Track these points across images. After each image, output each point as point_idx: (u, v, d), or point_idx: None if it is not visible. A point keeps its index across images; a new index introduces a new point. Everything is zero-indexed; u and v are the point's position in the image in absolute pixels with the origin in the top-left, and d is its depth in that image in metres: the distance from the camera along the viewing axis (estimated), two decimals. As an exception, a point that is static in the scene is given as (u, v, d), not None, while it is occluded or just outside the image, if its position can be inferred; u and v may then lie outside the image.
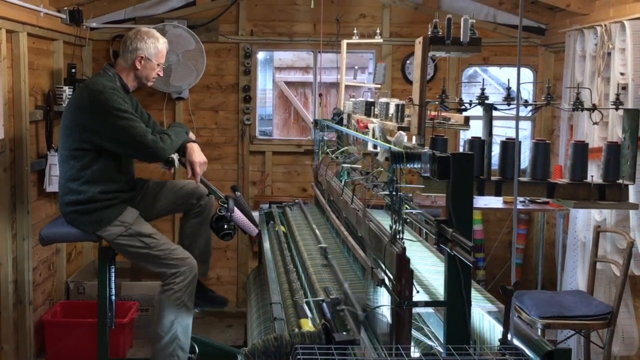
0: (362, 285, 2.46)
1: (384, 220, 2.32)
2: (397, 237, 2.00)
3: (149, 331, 4.73)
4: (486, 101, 2.31)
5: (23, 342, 4.19)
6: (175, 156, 3.44)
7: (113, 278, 3.62)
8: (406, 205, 2.08)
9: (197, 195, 3.66)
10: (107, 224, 3.34)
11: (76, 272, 5.09)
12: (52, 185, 4.34)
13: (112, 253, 3.58)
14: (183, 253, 3.46)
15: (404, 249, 1.90)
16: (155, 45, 3.45)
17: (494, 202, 4.80)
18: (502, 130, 6.45)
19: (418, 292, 1.95)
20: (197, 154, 3.49)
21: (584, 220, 4.40)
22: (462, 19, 2.16)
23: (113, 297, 3.64)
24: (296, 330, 2.08)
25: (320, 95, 4.76)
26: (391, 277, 1.97)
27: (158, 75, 3.55)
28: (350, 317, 2.19)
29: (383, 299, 2.21)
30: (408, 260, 1.87)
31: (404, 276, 1.86)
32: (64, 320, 4.56)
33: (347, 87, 4.14)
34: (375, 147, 2.57)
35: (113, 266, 3.61)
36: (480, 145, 2.29)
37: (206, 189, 3.64)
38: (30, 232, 4.17)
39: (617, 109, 2.39)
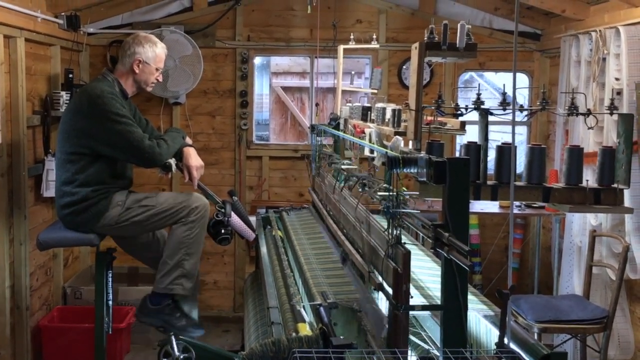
0: (357, 289, 2.47)
1: (381, 225, 2.33)
2: (395, 240, 2.01)
3: (146, 336, 4.73)
4: (482, 106, 2.33)
5: (20, 348, 4.18)
6: (172, 161, 3.45)
7: (110, 283, 3.61)
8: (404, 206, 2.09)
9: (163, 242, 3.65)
10: (103, 212, 3.34)
11: (73, 277, 5.09)
12: (50, 190, 4.34)
13: (110, 258, 3.58)
14: (185, 195, 3.48)
15: (408, 253, 1.92)
16: (152, 49, 3.46)
17: (489, 206, 4.82)
18: (498, 135, 6.49)
19: (412, 297, 1.96)
20: (194, 158, 3.50)
21: (580, 224, 4.41)
22: (458, 24, 2.18)
23: (110, 302, 3.64)
24: (294, 334, 2.08)
25: (317, 105, 4.78)
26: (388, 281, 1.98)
27: (157, 80, 3.56)
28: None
29: (381, 303, 2.22)
30: (408, 265, 1.88)
31: (401, 280, 1.87)
32: (61, 325, 4.55)
33: (343, 92, 4.16)
34: (372, 151, 2.59)
35: (110, 271, 3.61)
36: (476, 150, 2.30)
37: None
38: (27, 237, 4.17)
39: (612, 113, 2.41)
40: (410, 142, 2.36)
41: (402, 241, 2.04)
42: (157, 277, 3.44)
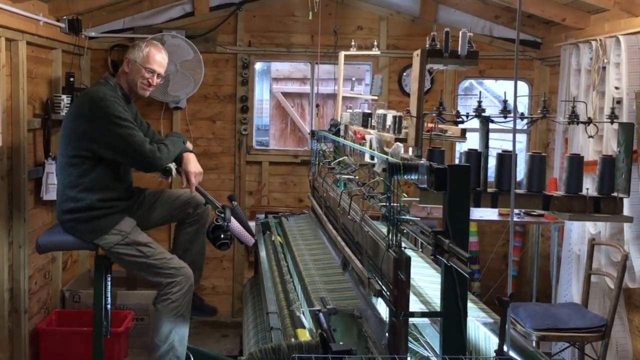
0: (357, 295, 2.48)
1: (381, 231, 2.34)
2: (394, 246, 2.01)
3: (144, 340, 4.72)
4: (483, 114, 2.33)
5: (18, 351, 4.18)
6: (172, 165, 3.46)
7: (109, 287, 3.61)
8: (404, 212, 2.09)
9: (194, 204, 3.67)
10: (104, 232, 3.35)
11: (72, 281, 5.08)
12: (49, 193, 4.35)
13: (108, 262, 3.58)
14: (179, 262, 3.47)
15: (407, 258, 1.92)
16: (141, 50, 3.46)
17: (489, 214, 4.83)
18: (497, 143, 6.50)
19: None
20: (193, 164, 3.50)
21: (579, 233, 4.42)
22: (460, 32, 2.19)
23: (109, 306, 3.64)
24: (293, 340, 2.08)
25: (317, 105, 4.78)
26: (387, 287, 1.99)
27: (149, 83, 3.50)
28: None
29: (380, 309, 2.22)
30: (408, 271, 1.88)
31: (400, 286, 1.87)
32: (59, 329, 4.55)
33: (344, 98, 4.16)
34: (372, 158, 2.59)
35: (109, 275, 3.61)
36: (476, 158, 2.31)
37: (202, 199, 3.64)
38: (26, 240, 4.17)
39: (612, 122, 2.42)
40: (410, 149, 2.36)
41: (402, 247, 2.04)
42: (151, 359, 3.47)
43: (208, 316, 3.99)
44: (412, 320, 2.16)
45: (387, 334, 2.01)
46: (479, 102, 2.34)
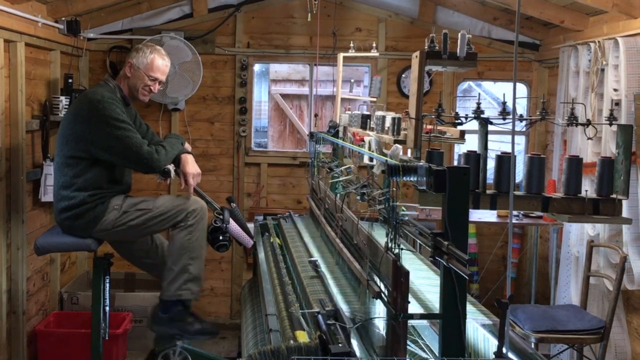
0: (357, 297, 2.47)
1: (379, 233, 2.33)
2: (393, 248, 2.01)
3: (142, 342, 4.72)
4: (482, 115, 2.33)
5: (16, 353, 4.17)
6: (171, 167, 3.45)
7: (107, 288, 3.61)
8: (401, 211, 2.09)
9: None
10: (100, 217, 3.34)
11: (70, 283, 5.08)
12: (48, 195, 4.34)
13: (107, 263, 3.58)
14: (181, 198, 3.47)
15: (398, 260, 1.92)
16: (146, 56, 3.45)
17: (487, 215, 4.83)
18: (496, 145, 6.51)
19: (409, 302, 1.96)
20: (191, 165, 3.50)
21: (578, 234, 4.42)
22: (459, 34, 2.19)
23: (107, 308, 3.63)
24: (292, 342, 2.08)
25: (316, 115, 4.80)
26: (387, 289, 1.98)
27: (150, 90, 3.52)
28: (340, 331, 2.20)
29: (379, 311, 2.22)
30: (407, 273, 1.88)
31: (399, 288, 1.87)
32: (57, 330, 4.54)
33: (343, 99, 4.16)
34: (371, 160, 2.59)
35: (107, 277, 3.60)
36: (475, 159, 2.31)
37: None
38: (24, 241, 4.16)
39: (610, 124, 2.42)
40: (409, 151, 2.36)
41: (402, 248, 2.04)
42: (164, 284, 3.43)
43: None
44: (411, 322, 2.16)
45: (386, 336, 2.01)
46: (478, 103, 2.34)
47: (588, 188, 2.31)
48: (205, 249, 3.48)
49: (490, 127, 2.35)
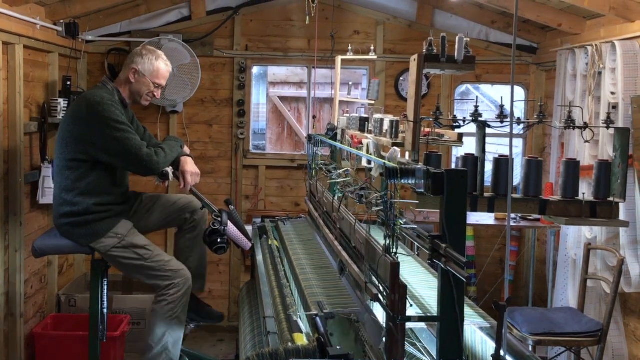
0: (355, 299, 2.48)
1: (377, 236, 2.34)
2: (391, 251, 2.02)
3: (140, 345, 4.71)
4: (479, 118, 2.34)
5: (13, 355, 4.17)
6: (169, 169, 3.45)
7: (105, 291, 3.61)
8: (399, 222, 2.09)
9: (191, 209, 3.66)
10: (101, 236, 3.34)
11: (68, 285, 5.07)
12: (46, 197, 4.34)
13: (105, 266, 3.58)
14: (177, 265, 3.46)
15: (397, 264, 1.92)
16: (151, 63, 3.45)
17: (485, 218, 4.83)
18: (493, 148, 6.52)
19: (412, 305, 1.96)
20: (190, 165, 3.51)
21: (575, 237, 4.43)
22: (457, 37, 2.20)
23: (105, 310, 3.63)
24: (290, 344, 2.08)
25: (314, 117, 4.80)
26: (385, 290, 1.99)
27: (153, 96, 3.53)
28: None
29: (377, 314, 2.22)
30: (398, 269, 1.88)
31: (397, 291, 1.87)
32: (55, 333, 4.53)
33: (341, 102, 4.17)
34: (369, 162, 2.60)
35: (105, 279, 3.60)
36: (473, 162, 2.32)
37: (200, 204, 3.64)
38: (22, 244, 4.16)
39: (608, 127, 2.43)
40: (407, 153, 2.37)
41: (398, 252, 2.04)
42: (144, 359, 3.47)
43: (215, 322, 3.94)
44: (409, 324, 2.16)
45: (384, 339, 2.01)
46: (476, 106, 2.35)
47: (585, 191, 2.32)
48: (184, 322, 3.51)
49: (488, 130, 2.36)
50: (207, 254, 3.73)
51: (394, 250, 2.01)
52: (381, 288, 2.04)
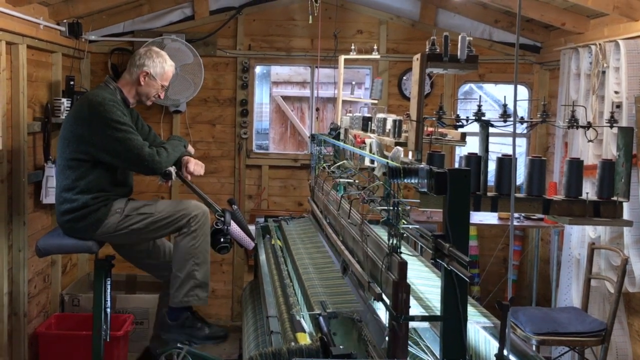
0: (357, 299, 2.47)
1: (381, 235, 2.34)
2: (396, 251, 2.01)
3: (143, 344, 4.72)
4: (482, 118, 2.34)
5: (17, 355, 4.17)
6: (172, 169, 3.46)
7: (108, 290, 3.61)
8: (403, 220, 2.09)
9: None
10: (103, 220, 3.35)
11: (71, 285, 5.08)
12: (49, 197, 4.35)
13: (108, 265, 3.58)
14: (185, 202, 3.48)
15: (404, 263, 1.92)
16: (162, 66, 3.49)
17: (488, 218, 4.83)
18: (497, 147, 6.51)
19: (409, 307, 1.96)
20: (193, 160, 3.54)
21: (579, 237, 4.42)
22: (459, 36, 2.19)
23: (108, 310, 3.63)
24: (293, 344, 2.08)
25: (317, 109, 4.79)
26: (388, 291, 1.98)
27: (158, 96, 3.58)
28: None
29: (380, 314, 2.22)
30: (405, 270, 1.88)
31: (401, 290, 1.87)
32: (59, 332, 4.54)
33: (344, 102, 4.16)
34: (372, 162, 2.59)
35: (108, 279, 3.61)
36: (476, 161, 2.31)
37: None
38: (26, 243, 4.17)
39: (611, 126, 2.42)
40: (410, 153, 2.36)
41: (401, 251, 2.04)
42: (171, 291, 3.43)
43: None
44: (412, 324, 2.16)
45: (387, 338, 2.01)
46: (479, 106, 2.35)
47: (589, 190, 2.31)
48: (209, 254, 3.48)
49: (491, 130, 2.35)
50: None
51: (395, 245, 2.01)
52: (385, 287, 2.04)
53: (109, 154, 3.30)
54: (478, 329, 2.19)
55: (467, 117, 2.39)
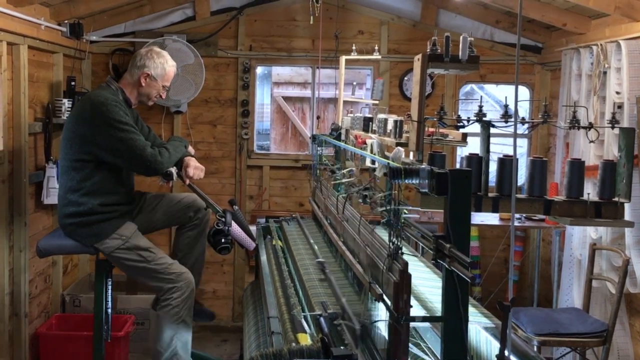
0: (359, 300, 2.47)
1: (382, 236, 2.33)
2: (398, 252, 2.01)
3: (144, 345, 4.72)
4: (484, 118, 2.33)
5: (18, 355, 4.17)
6: (173, 169, 3.46)
7: (109, 291, 3.61)
8: (404, 218, 2.09)
9: (195, 208, 3.67)
10: (105, 236, 3.35)
11: (72, 285, 5.08)
12: (50, 197, 4.35)
13: (109, 266, 3.58)
14: (180, 268, 3.47)
15: (406, 264, 1.92)
16: (163, 67, 3.49)
17: (490, 218, 4.82)
18: (498, 148, 6.50)
19: (412, 306, 1.96)
20: (193, 162, 3.53)
21: (580, 237, 4.41)
22: (461, 37, 2.19)
23: (109, 310, 3.63)
24: (294, 345, 2.08)
25: (318, 117, 4.81)
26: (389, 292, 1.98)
27: (160, 96, 3.58)
28: (347, 332, 2.20)
29: (381, 314, 2.21)
30: (409, 276, 1.88)
31: (402, 291, 1.87)
32: (60, 333, 4.54)
33: (345, 102, 4.16)
34: (373, 162, 2.59)
35: (109, 279, 3.61)
36: (477, 162, 2.31)
37: (203, 203, 3.64)
38: (27, 244, 4.17)
39: (613, 127, 2.42)
40: (411, 153, 2.36)
41: (402, 252, 2.04)
42: None
43: (207, 321, 3.96)
44: (413, 324, 2.16)
45: (387, 339, 2.00)
46: (480, 106, 2.34)
47: (590, 191, 2.31)
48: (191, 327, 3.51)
49: (493, 130, 2.35)
50: (205, 254, 3.74)
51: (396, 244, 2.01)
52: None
53: (112, 153, 3.30)
54: (479, 330, 2.19)
55: (468, 118, 2.39)
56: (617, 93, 3.89)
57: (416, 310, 2.27)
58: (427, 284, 2.66)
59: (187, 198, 3.70)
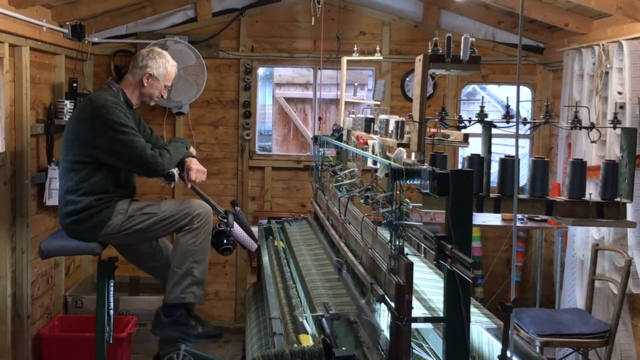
0: (361, 300, 2.47)
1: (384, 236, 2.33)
2: (399, 252, 2.01)
3: (147, 346, 4.72)
4: (485, 119, 2.33)
5: (20, 356, 4.18)
6: (175, 171, 3.46)
7: (111, 292, 3.62)
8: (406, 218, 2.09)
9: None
10: (106, 221, 3.36)
11: (74, 286, 5.09)
12: (52, 198, 4.35)
13: (111, 267, 3.59)
14: (187, 201, 3.50)
15: (411, 264, 1.91)
16: (165, 66, 3.50)
17: (492, 219, 4.82)
18: (500, 148, 6.49)
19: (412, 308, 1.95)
20: (195, 164, 3.54)
21: (582, 238, 4.41)
22: (462, 37, 2.19)
23: (111, 312, 3.64)
24: (296, 346, 2.08)
25: (320, 119, 4.81)
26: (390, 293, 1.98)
27: (162, 96, 3.59)
28: (364, 331, 2.20)
29: (383, 315, 2.21)
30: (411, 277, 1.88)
31: (404, 292, 1.86)
32: (62, 334, 4.55)
33: (346, 103, 4.16)
34: (375, 163, 2.59)
35: (112, 280, 3.61)
36: (479, 163, 2.31)
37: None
38: (29, 245, 4.17)
39: (615, 127, 2.41)
40: (413, 154, 2.36)
41: (405, 253, 2.04)
42: (168, 287, 3.44)
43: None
44: (415, 325, 2.15)
45: (389, 340, 2.00)
46: (482, 107, 2.34)
47: (592, 191, 2.31)
48: (208, 253, 3.50)
49: (494, 131, 2.35)
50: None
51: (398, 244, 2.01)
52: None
53: (112, 156, 3.31)
54: (481, 331, 2.18)
55: (470, 118, 2.38)
56: (619, 93, 3.89)
57: (418, 310, 2.27)
58: (429, 285, 2.65)
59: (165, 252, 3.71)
